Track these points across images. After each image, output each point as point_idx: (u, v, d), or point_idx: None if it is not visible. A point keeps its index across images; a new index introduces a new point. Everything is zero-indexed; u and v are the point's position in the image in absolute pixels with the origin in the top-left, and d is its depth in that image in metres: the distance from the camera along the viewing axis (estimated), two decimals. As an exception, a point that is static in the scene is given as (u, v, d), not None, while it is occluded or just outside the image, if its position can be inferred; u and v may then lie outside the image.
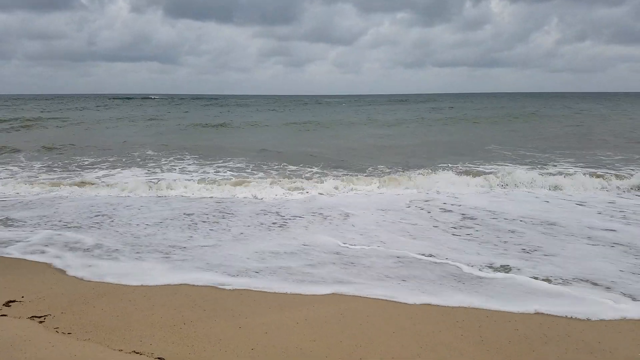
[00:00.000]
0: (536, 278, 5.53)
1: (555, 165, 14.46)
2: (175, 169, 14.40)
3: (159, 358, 3.79)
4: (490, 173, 12.67)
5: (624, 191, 10.92)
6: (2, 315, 4.52)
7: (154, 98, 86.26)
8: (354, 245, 6.87)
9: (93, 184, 11.73)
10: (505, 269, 5.86)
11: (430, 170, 12.85)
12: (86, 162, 15.56)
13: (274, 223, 8.17)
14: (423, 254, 6.40)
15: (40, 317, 4.50)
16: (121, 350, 3.91)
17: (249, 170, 14.08)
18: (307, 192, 10.74)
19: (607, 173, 12.53)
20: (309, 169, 14.17)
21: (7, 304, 4.79)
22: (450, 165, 14.53)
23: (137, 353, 3.85)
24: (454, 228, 7.81)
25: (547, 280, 5.48)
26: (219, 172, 13.90)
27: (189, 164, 15.26)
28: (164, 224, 8.12)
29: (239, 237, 7.33)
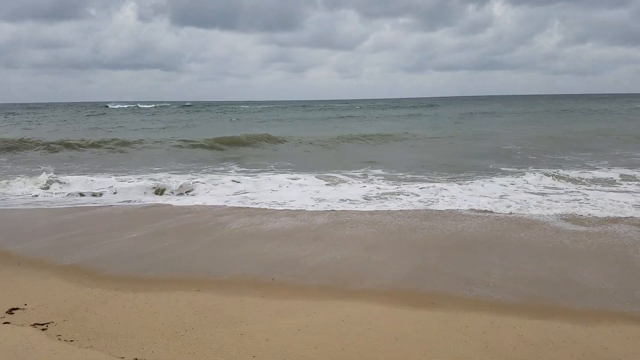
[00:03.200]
0: None
1: None
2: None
3: (160, 366, 3.77)
4: None
5: None
6: (5, 323, 4.52)
7: (142, 107, 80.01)
8: None
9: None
10: None
11: None
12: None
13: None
14: None
15: (43, 324, 4.49)
16: (123, 357, 3.89)
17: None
18: None
19: None
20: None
21: (10, 311, 4.79)
22: None
23: (139, 360, 3.84)
24: None
25: None
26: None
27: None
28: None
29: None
